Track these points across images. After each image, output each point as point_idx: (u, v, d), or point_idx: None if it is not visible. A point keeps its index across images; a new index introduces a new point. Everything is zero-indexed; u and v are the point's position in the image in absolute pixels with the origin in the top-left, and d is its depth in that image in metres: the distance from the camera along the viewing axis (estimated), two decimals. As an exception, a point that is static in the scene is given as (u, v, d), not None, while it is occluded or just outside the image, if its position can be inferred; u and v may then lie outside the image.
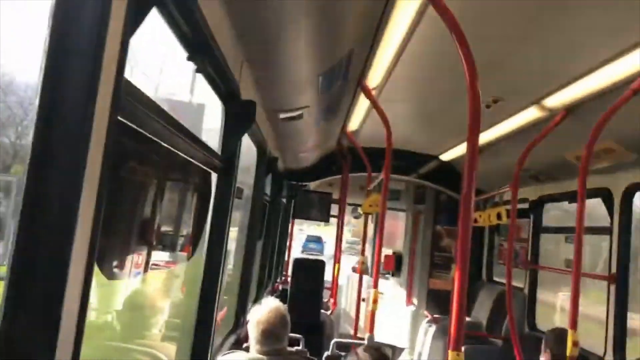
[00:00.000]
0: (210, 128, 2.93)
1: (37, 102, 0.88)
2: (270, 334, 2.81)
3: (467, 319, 7.24)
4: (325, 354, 3.89)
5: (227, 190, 2.74)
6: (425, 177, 7.76)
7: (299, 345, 3.86)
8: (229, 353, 3.08)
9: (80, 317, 0.93)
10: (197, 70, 2.07)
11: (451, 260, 6.95)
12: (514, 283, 6.38)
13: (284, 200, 7.62)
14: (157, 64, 2.09)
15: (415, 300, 8.59)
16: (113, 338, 3.07)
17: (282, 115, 3.94)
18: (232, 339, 3.88)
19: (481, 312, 7.07)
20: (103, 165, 0.97)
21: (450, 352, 1.90)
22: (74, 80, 0.89)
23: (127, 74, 1.12)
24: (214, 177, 2.80)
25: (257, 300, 4.85)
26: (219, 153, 2.68)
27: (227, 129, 2.71)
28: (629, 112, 3.26)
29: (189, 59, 1.94)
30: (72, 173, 0.88)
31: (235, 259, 4.50)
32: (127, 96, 1.18)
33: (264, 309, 2.89)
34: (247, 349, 2.99)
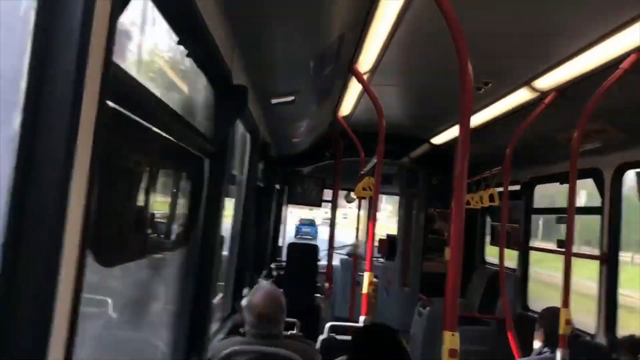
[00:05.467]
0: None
1: (22, 86, 0.84)
2: (266, 318, 2.83)
3: (461, 300, 7.32)
4: (321, 337, 3.92)
5: (220, 176, 2.74)
6: (417, 160, 7.78)
7: (294, 329, 3.89)
8: (225, 338, 3.10)
9: (73, 312, 0.90)
10: (188, 55, 2.06)
11: (444, 242, 7.00)
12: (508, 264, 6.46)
13: (278, 186, 7.63)
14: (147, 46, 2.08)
15: (409, 283, 8.66)
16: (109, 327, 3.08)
17: (274, 100, 3.93)
18: (229, 324, 3.90)
19: (474, 294, 7.14)
20: (93, 152, 0.94)
21: (445, 333, 1.92)
22: (60, 63, 0.86)
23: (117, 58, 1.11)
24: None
25: (252, 285, 4.87)
26: (212, 138, 2.68)
27: (219, 115, 2.70)
28: (619, 92, 3.28)
29: (180, 42, 1.93)
30: (61, 161, 0.85)
31: (230, 245, 4.51)
32: (117, 80, 1.17)
33: (260, 294, 2.91)
34: (244, 334, 3.01)
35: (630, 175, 4.44)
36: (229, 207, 4.35)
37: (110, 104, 1.24)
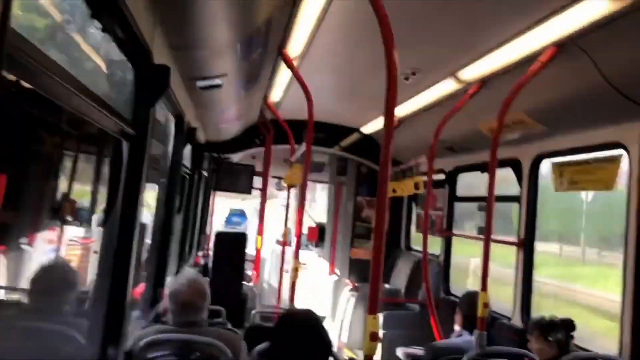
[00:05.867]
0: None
1: None
2: (189, 305, 2.76)
3: (387, 285, 7.47)
4: (246, 324, 3.88)
5: (140, 160, 2.63)
6: (347, 149, 7.84)
7: (220, 317, 3.83)
8: (145, 327, 3.00)
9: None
10: (104, 30, 1.94)
11: (372, 230, 7.11)
12: (432, 251, 6.64)
13: (206, 173, 7.48)
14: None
15: (337, 270, 8.75)
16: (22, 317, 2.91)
17: (200, 84, 3.82)
18: (151, 312, 3.79)
19: (400, 279, 7.31)
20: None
21: (367, 316, 1.93)
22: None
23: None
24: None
25: (177, 274, 4.76)
26: (131, 121, 2.56)
27: (138, 95, 2.59)
28: (538, 84, 3.41)
29: (94, 16, 1.81)
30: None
31: (154, 232, 4.37)
32: (15, 48, 1.07)
33: (182, 281, 2.84)
34: (165, 322, 2.93)
35: (546, 165, 4.64)
36: (152, 193, 4.21)
37: (8, 75, 1.14)
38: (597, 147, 3.92)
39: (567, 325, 3.43)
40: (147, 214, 4.29)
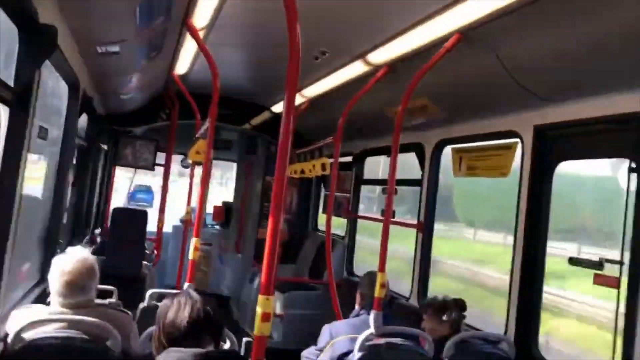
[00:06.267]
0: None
1: None
2: (75, 285, 2.60)
3: (293, 266, 7.49)
4: (141, 305, 3.72)
5: (22, 128, 2.42)
6: (258, 127, 7.72)
7: (112, 297, 3.65)
8: (25, 307, 2.79)
9: None
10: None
11: (279, 210, 7.07)
12: (342, 233, 6.72)
13: (105, 146, 7.10)
14: None
15: (244, 250, 8.67)
16: None
17: (97, 49, 3.57)
18: (36, 292, 3.55)
19: (306, 260, 7.35)
20: None
21: (259, 296, 1.88)
22: None
23: None
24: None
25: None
26: (12, 83, 2.34)
27: (21, 57, 2.37)
28: (442, 71, 3.47)
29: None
30: None
31: (43, 207, 4.08)
32: None
33: (68, 259, 2.66)
34: (48, 303, 2.74)
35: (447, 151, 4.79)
36: (41, 165, 3.92)
37: None
38: (495, 135, 4.08)
39: (460, 306, 3.56)
40: (37, 187, 3.99)
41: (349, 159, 6.57)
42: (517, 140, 3.78)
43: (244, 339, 3.18)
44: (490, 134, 4.11)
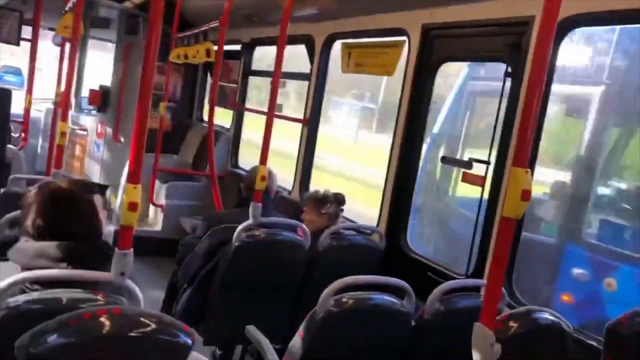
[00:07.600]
0: None
1: None
2: None
3: (175, 156, 7.29)
4: (2, 190, 3.43)
5: None
6: (141, 7, 7.09)
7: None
8: None
9: None
10: None
11: (161, 98, 6.69)
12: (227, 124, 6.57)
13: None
14: None
15: (122, 138, 8.25)
16: None
17: None
18: None
19: (189, 151, 7.17)
20: None
21: (127, 185, 1.76)
22: None
23: None
24: None
25: None
26: None
27: None
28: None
29: None
30: None
31: None
32: None
33: None
34: None
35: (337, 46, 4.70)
36: None
37: None
38: (384, 32, 4.04)
39: (339, 200, 3.67)
40: None
41: (238, 47, 6.29)
42: (405, 38, 3.77)
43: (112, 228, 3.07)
44: (380, 30, 4.06)
